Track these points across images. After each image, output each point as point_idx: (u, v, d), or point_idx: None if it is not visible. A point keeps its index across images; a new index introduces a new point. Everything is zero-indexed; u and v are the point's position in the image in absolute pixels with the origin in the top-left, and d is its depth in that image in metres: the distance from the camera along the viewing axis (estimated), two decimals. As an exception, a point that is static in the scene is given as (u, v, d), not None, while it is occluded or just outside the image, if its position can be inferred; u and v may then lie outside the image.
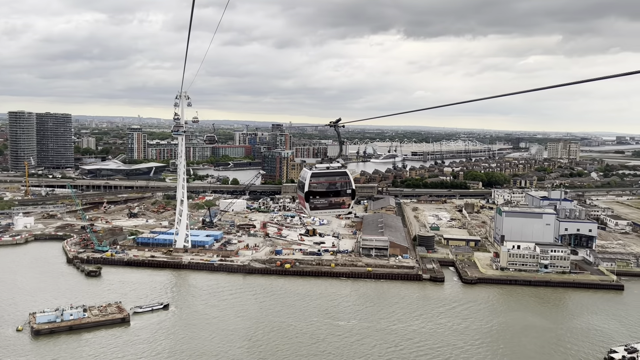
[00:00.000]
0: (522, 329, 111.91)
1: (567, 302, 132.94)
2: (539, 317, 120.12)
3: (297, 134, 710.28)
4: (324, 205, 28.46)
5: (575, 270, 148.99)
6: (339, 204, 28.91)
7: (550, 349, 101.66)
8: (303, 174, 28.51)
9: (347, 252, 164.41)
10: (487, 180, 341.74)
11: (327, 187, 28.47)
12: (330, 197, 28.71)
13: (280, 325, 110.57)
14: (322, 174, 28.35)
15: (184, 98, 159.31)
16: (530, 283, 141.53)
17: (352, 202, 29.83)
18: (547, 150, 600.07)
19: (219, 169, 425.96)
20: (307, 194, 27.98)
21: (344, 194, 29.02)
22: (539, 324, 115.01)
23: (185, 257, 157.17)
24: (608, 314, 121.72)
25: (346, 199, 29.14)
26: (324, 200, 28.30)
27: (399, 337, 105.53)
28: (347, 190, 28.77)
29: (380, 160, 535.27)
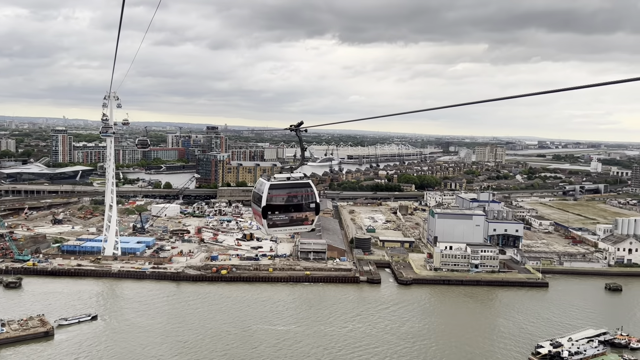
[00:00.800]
0: (454, 328, 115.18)
1: (497, 300, 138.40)
2: (471, 316, 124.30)
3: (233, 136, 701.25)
4: (284, 221, 24.47)
5: (504, 269, 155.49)
6: (301, 220, 24.84)
7: (481, 346, 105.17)
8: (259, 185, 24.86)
9: (285, 256, 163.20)
10: (419, 182, 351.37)
11: (287, 201, 24.43)
12: (292, 213, 24.65)
13: (216, 332, 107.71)
14: (282, 185, 24.29)
15: (113, 98, 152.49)
16: (462, 282, 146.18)
17: (316, 217, 25.50)
18: (475, 153, 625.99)
19: (150, 173, 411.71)
20: (265, 209, 23.73)
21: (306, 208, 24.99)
22: (471, 322, 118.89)
23: (115, 265, 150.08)
24: (534, 310, 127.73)
25: (309, 214, 25.04)
26: (283, 216, 24.34)
27: (337, 340, 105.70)
28: (311, 204, 24.85)
29: (317, 163, 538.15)
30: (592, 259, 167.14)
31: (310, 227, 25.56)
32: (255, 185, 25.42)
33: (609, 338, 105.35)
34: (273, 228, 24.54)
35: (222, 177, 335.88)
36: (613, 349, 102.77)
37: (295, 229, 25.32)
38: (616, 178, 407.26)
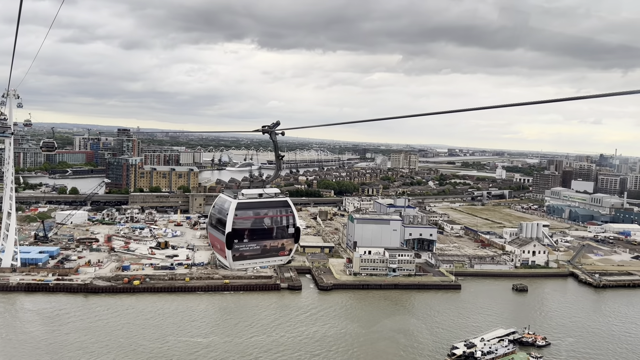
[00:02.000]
0: (373, 331, 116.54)
1: (414, 303, 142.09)
2: (389, 319, 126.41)
3: (146, 139, 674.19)
4: (254, 252, 18.66)
5: (420, 272, 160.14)
6: (276, 249, 19.03)
7: (399, 349, 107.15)
8: (221, 203, 19.17)
9: (203, 265, 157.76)
10: (338, 188, 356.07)
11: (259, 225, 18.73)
12: (265, 240, 18.80)
13: (128, 346, 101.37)
14: (253, 205, 18.57)
15: (12, 96, 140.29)
16: (380, 287, 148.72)
17: (295, 246, 19.78)
18: (390, 160, 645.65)
19: (55, 177, 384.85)
20: (230, 236, 17.96)
21: (283, 234, 19.14)
22: (389, 326, 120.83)
23: (14, 278, 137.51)
24: (449, 312, 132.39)
25: (287, 242, 19.21)
26: (254, 245, 18.55)
27: (258, 349, 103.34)
28: (289, 228, 19.17)
29: (237, 168, 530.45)
30: (500, 261, 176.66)
31: (287, 258, 19.59)
32: (215, 204, 19.56)
33: (518, 337, 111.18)
34: (240, 261, 18.61)
35: (135, 182, 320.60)
36: (521, 348, 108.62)
37: (268, 261, 19.34)
38: (519, 184, 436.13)
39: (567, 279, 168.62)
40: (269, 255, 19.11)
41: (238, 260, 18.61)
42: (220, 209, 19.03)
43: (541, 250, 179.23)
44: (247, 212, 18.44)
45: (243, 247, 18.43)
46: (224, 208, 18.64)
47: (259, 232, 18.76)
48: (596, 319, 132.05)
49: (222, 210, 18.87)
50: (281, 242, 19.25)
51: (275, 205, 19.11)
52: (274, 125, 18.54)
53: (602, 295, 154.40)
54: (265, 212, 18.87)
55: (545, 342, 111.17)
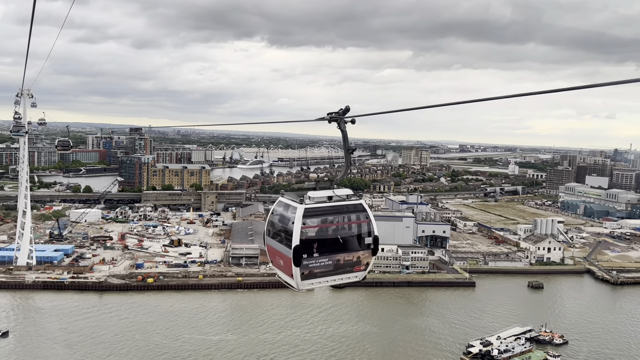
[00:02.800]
0: (387, 329, 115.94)
1: (427, 301, 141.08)
2: (403, 317, 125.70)
3: (158, 138, 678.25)
4: (325, 268, 15.54)
5: (433, 269, 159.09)
6: (350, 264, 15.87)
7: (414, 347, 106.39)
8: (284, 210, 16.25)
9: (216, 262, 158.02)
10: (349, 185, 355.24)
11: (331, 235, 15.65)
12: (337, 254, 15.66)
13: (143, 344, 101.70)
14: (324, 210, 15.63)
15: (27, 95, 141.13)
16: (394, 284, 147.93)
17: (373, 260, 16.64)
18: (402, 157, 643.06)
19: (69, 176, 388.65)
20: (299, 251, 15.01)
21: (359, 245, 16.01)
22: (403, 324, 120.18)
23: (29, 276, 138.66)
24: (464, 310, 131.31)
25: (363, 254, 16.05)
26: (325, 260, 15.46)
27: (272, 347, 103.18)
28: (366, 237, 16.08)
29: (248, 166, 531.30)
30: (514, 258, 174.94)
31: (363, 274, 16.28)
32: (274, 210, 16.48)
33: (534, 335, 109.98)
34: (309, 280, 15.40)
35: (147, 181, 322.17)
36: (538, 346, 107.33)
37: (341, 278, 15.97)
38: (532, 180, 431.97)
39: (584, 276, 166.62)
40: (342, 272, 15.87)
41: (307, 279, 15.32)
42: (283, 216, 15.94)
43: (556, 247, 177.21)
44: (316, 220, 15.40)
45: (313, 263, 15.26)
46: (288, 215, 15.60)
47: (330, 243, 15.56)
48: (614, 317, 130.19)
49: (284, 217, 15.80)
50: (356, 254, 16.02)
51: (349, 209, 16.03)
52: (343, 112, 15.25)
53: (620, 293, 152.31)
54: (337, 219, 15.84)
55: (563, 341, 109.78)
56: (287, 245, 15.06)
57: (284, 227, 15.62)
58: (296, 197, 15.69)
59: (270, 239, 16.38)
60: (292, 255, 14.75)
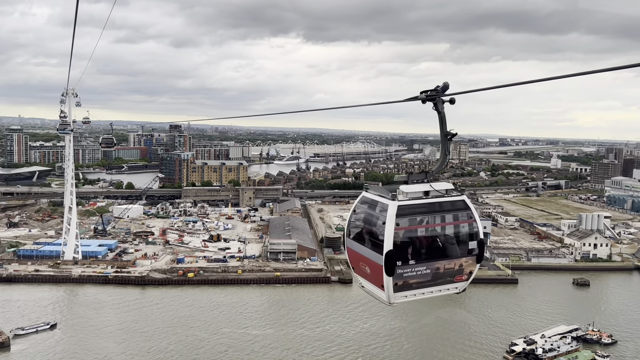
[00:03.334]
0: (426, 326, 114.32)
1: (468, 298, 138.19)
2: (443, 314, 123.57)
3: (197, 135, 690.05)
4: (423, 278, 13.02)
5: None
6: (451, 272, 13.41)
7: (454, 345, 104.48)
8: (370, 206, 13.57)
9: (254, 257, 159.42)
10: (386, 180, 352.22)
11: (429, 237, 13.11)
12: (437, 260, 13.17)
13: (186, 336, 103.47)
14: (420, 208, 13.00)
15: (71, 95, 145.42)
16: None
17: (477, 268, 14.15)
18: (439, 151, 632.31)
19: (112, 173, 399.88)
20: (392, 257, 12.36)
21: (462, 250, 13.51)
22: (443, 321, 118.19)
23: (75, 270, 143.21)
24: (506, 307, 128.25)
25: (466, 261, 13.55)
26: (423, 269, 12.91)
27: (311, 342, 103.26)
28: (470, 241, 13.53)
29: (284, 162, 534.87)
30: (558, 254, 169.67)
31: (464, 285, 13.84)
32: (356, 208, 13.95)
33: (581, 334, 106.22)
34: (403, 292, 12.79)
35: (187, 177, 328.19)
36: (585, 345, 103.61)
37: (439, 290, 13.31)
38: (576, 174, 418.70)
39: (633, 273, 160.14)
40: (441, 282, 13.33)
41: (401, 290, 12.78)
42: (369, 215, 13.42)
43: (603, 243, 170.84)
44: (411, 219, 12.81)
45: (408, 272, 12.70)
46: (376, 214, 13.10)
47: (428, 248, 13.03)
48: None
49: (372, 217, 13.28)
50: (458, 262, 13.45)
51: (449, 207, 13.38)
52: (442, 89, 12.41)
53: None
54: (436, 219, 13.26)
55: (611, 340, 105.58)
56: (377, 250, 12.71)
57: (372, 228, 13.17)
58: (386, 192, 13.17)
59: (352, 242, 13.94)
60: (383, 262, 12.37)
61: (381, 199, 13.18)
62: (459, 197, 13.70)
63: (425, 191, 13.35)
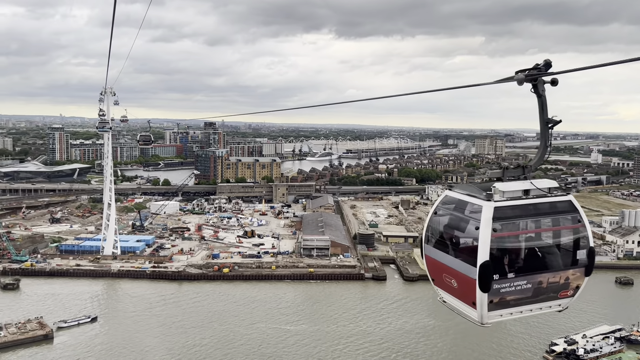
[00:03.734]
0: (463, 324, 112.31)
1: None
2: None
3: (231, 132, 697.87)
4: (522, 294, 10.87)
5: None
6: (555, 287, 11.21)
7: (492, 344, 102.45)
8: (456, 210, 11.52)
9: (288, 253, 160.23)
10: (420, 176, 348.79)
11: (530, 246, 11.00)
12: (539, 273, 11.03)
13: (222, 331, 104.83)
14: (521, 210, 10.77)
15: (110, 93, 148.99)
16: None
17: (585, 281, 11.67)
18: (475, 146, 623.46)
19: (149, 170, 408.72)
20: (488, 270, 10.24)
21: (568, 260, 11.33)
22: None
23: (115, 265, 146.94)
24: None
25: (574, 274, 11.35)
26: (523, 283, 10.75)
27: (346, 338, 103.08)
28: (577, 251, 11.31)
29: (317, 158, 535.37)
30: (599, 252, 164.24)
31: (568, 302, 11.84)
32: (438, 209, 12.23)
33: (625, 334, 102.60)
34: (499, 310, 10.95)
35: (221, 173, 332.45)
36: (630, 346, 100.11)
37: (539, 308, 11.48)
38: (617, 169, 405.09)
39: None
40: (543, 299, 11.41)
41: (496, 309, 10.93)
42: (456, 218, 11.61)
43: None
44: (511, 224, 10.94)
45: (507, 287, 10.84)
46: (466, 217, 11.29)
47: (529, 258, 11.16)
48: None
49: (460, 220, 11.48)
50: (564, 274, 11.52)
51: (554, 209, 11.40)
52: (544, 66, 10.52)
53: None
54: (539, 223, 11.36)
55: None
56: (468, 260, 10.88)
57: (461, 234, 11.43)
58: (478, 190, 11.18)
59: (433, 249, 12.20)
60: (477, 275, 10.50)
61: (472, 199, 11.21)
62: (564, 197, 11.70)
63: (524, 190, 11.41)
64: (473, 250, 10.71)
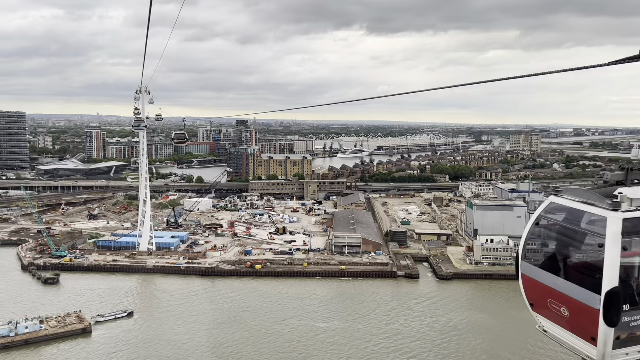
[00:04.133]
0: (500, 324, 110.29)
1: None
2: (518, 312, 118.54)
3: (262, 129, 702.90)
4: None
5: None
6: None
7: (532, 343, 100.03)
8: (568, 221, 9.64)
9: (319, 250, 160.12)
10: (453, 173, 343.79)
11: None
12: None
13: (255, 326, 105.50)
14: None
15: (144, 92, 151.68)
16: (505, 277, 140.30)
17: None
18: (509, 142, 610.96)
19: (182, 167, 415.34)
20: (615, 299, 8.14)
21: None
22: (517, 318, 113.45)
23: (150, 261, 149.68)
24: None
25: None
26: None
27: (378, 336, 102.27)
28: None
29: (347, 155, 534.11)
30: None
31: None
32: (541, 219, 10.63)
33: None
34: (626, 348, 9.02)
35: (253, 171, 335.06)
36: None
37: None
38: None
39: None
40: None
41: (623, 346, 8.94)
42: (568, 231, 9.78)
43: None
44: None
45: (638, 321, 8.89)
46: (582, 230, 9.45)
47: None
48: None
49: (573, 234, 9.65)
50: None
51: None
52: None
53: None
54: None
55: None
56: (588, 285, 8.93)
57: (577, 251, 9.55)
58: (597, 197, 9.28)
59: (534, 268, 10.46)
60: (601, 304, 8.55)
61: (591, 207, 9.24)
62: None
63: None
64: (594, 273, 8.79)
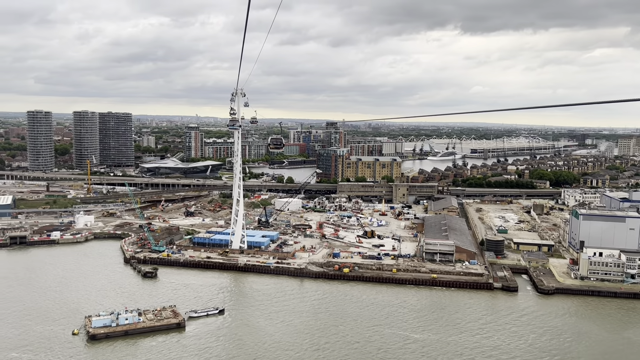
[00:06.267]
0: (611, 345, 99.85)
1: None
2: (627, 332, 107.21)
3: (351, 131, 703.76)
4: None
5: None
6: None
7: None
8: None
9: (409, 257, 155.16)
10: (554, 179, 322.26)
11: None
12: None
13: (343, 332, 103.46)
14: None
15: (240, 94, 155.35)
16: (615, 294, 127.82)
17: None
18: (618, 147, 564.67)
19: (274, 167, 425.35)
20: None
21: None
22: (628, 340, 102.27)
23: (242, 259, 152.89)
24: None
25: None
26: None
27: (474, 351, 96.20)
28: None
29: (438, 157, 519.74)
30: None
31: None
32: None
33: None
34: None
35: (342, 172, 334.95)
36: None
37: None
38: None
39: None
40: None
41: None
42: None
43: None
44: None
45: None
46: None
47: None
48: None
49: None
50: None
51: None
52: None
53: None
54: None
55: None
56: None
57: None
58: None
59: None
60: None
61: None
62: None
63: None
64: None
